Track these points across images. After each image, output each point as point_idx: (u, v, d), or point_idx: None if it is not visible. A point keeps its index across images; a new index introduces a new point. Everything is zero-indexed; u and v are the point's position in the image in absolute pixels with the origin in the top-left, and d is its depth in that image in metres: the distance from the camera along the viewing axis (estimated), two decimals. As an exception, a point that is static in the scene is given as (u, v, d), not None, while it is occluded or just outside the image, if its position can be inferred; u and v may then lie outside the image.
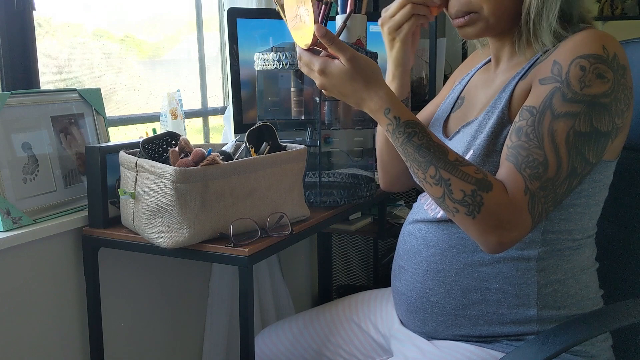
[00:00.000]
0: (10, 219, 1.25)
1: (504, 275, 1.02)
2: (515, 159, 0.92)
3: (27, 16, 1.43)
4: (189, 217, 1.18)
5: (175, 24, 2.04)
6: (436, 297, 1.07)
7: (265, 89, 1.54)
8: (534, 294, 1.02)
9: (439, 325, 1.08)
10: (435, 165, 0.92)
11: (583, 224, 1.04)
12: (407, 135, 0.94)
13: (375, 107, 0.97)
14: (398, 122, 0.95)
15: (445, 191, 0.91)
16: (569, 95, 0.91)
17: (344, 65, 0.96)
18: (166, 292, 1.69)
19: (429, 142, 0.93)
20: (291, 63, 1.38)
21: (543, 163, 0.90)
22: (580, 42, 0.94)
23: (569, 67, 0.92)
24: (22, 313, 1.31)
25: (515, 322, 1.03)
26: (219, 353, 1.86)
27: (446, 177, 0.91)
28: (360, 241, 2.63)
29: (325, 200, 1.48)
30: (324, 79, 0.99)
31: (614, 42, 0.95)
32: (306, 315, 1.38)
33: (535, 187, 0.90)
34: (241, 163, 1.25)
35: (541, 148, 0.91)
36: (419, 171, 0.94)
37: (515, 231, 0.91)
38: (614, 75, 0.92)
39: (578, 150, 0.91)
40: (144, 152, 1.28)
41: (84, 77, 1.72)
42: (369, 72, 0.97)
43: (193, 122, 2.07)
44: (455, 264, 1.05)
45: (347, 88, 0.98)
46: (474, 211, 0.90)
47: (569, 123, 0.91)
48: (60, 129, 1.40)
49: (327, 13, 1.39)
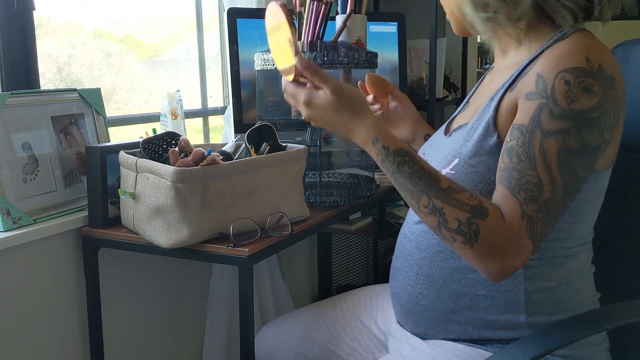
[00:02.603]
0: (10, 219, 1.25)
1: (492, 283, 1.00)
2: (508, 182, 0.89)
3: (27, 16, 1.43)
4: (189, 217, 1.18)
5: (175, 24, 2.04)
6: (426, 300, 1.06)
7: (265, 89, 1.54)
8: (522, 301, 1.00)
9: (429, 329, 1.08)
10: (428, 194, 0.89)
11: (575, 232, 1.01)
12: (397, 164, 0.92)
13: (363, 138, 0.95)
14: (387, 152, 0.93)
15: (440, 220, 0.89)
16: (557, 112, 0.88)
17: (329, 96, 0.95)
18: (166, 292, 1.69)
19: (420, 170, 0.91)
20: (291, 63, 1.38)
21: (537, 185, 0.87)
22: (563, 53, 0.91)
23: (554, 82, 0.89)
24: (22, 313, 1.31)
25: (505, 327, 1.02)
26: (219, 353, 1.86)
27: (440, 205, 0.88)
28: (360, 241, 2.62)
29: (325, 200, 1.48)
30: (310, 111, 0.98)
31: (599, 52, 0.91)
32: (313, 308, 1.38)
33: (532, 210, 0.87)
34: (241, 163, 1.25)
35: (533, 169, 0.88)
36: (412, 200, 0.92)
37: (517, 258, 0.88)
38: (601, 88, 0.89)
39: (570, 167, 0.89)
40: (144, 152, 1.28)
41: (84, 77, 1.72)
42: (354, 103, 0.96)
43: (193, 122, 2.07)
44: (444, 269, 1.04)
45: (334, 119, 0.96)
46: (472, 240, 0.87)
47: (559, 140, 0.88)
48: (60, 129, 1.40)
49: (327, 13, 1.38)
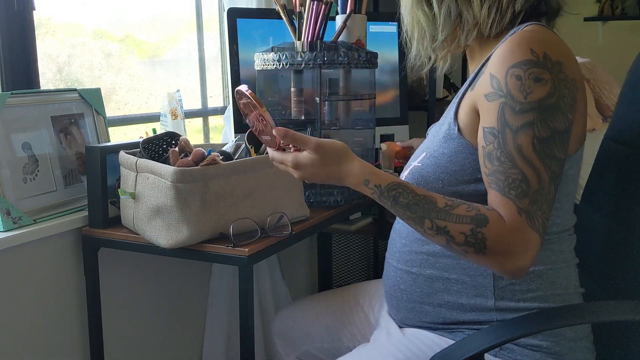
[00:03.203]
0: (10, 219, 1.25)
1: (462, 267, 1.06)
2: (497, 185, 0.94)
3: (27, 16, 1.43)
4: (189, 217, 1.18)
5: (175, 24, 2.04)
6: (405, 285, 1.13)
7: (265, 89, 1.54)
8: (490, 286, 1.05)
9: (408, 312, 1.13)
10: (429, 217, 0.94)
11: None
12: (393, 198, 0.97)
13: (355, 182, 1.00)
14: (380, 190, 0.98)
15: (447, 238, 0.94)
16: (518, 108, 0.93)
17: (312, 155, 1.00)
18: (166, 292, 1.69)
19: (415, 198, 0.95)
20: (291, 63, 1.38)
21: (523, 180, 0.92)
22: (508, 50, 0.96)
23: (506, 79, 0.94)
24: (22, 313, 1.31)
25: (474, 309, 1.07)
26: (219, 353, 1.86)
27: (442, 225, 0.93)
28: (360, 241, 2.62)
29: (325, 200, 1.48)
30: (300, 172, 1.02)
31: (542, 40, 0.95)
32: (326, 294, 1.47)
33: (526, 204, 0.91)
34: (241, 163, 1.25)
35: (515, 167, 0.92)
36: (417, 226, 0.97)
37: (528, 252, 0.91)
38: (551, 74, 0.93)
39: (548, 155, 0.93)
40: (144, 152, 1.28)
41: (84, 77, 1.72)
42: (337, 154, 1.01)
43: (193, 122, 2.07)
44: (420, 254, 1.10)
45: (322, 173, 1.02)
46: (481, 248, 0.92)
47: (529, 133, 0.92)
48: (60, 129, 1.40)
49: (327, 13, 1.39)
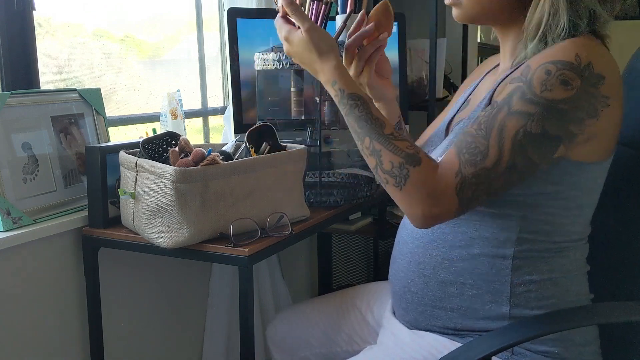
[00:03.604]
0: (10, 219, 1.25)
1: (479, 272, 1.04)
2: (459, 143, 0.95)
3: (27, 16, 1.43)
4: (189, 217, 1.18)
5: (175, 24, 2.04)
6: (416, 287, 1.10)
7: (265, 89, 1.54)
8: (507, 292, 1.03)
9: (418, 315, 1.11)
10: (370, 137, 0.97)
11: (564, 226, 1.02)
12: (350, 106, 1.01)
13: (325, 79, 1.05)
14: (342, 94, 1.02)
15: (377, 162, 0.97)
16: (528, 96, 0.93)
17: (303, 35, 1.06)
18: (166, 292, 1.69)
19: (368, 115, 0.99)
20: (291, 63, 1.38)
21: (483, 152, 0.92)
22: (555, 49, 0.95)
23: (536, 70, 0.94)
24: (22, 313, 1.31)
25: (488, 317, 1.04)
26: (219, 353, 1.86)
27: (378, 148, 0.96)
28: (360, 241, 2.62)
29: (325, 200, 1.48)
30: (287, 46, 1.10)
31: (594, 51, 0.93)
32: (320, 299, 1.45)
33: (468, 173, 0.92)
34: (241, 163, 1.25)
35: (486, 139, 0.93)
36: (359, 142, 1.00)
37: (438, 207, 0.93)
38: (582, 84, 0.91)
39: (523, 149, 0.92)
40: (144, 152, 1.28)
41: (84, 77, 1.72)
42: (323, 45, 1.06)
43: (193, 122, 2.06)
44: (434, 257, 1.07)
45: (305, 57, 1.08)
46: (400, 183, 0.94)
47: (520, 121, 0.92)
48: (60, 129, 1.40)
49: (327, 13, 1.38)
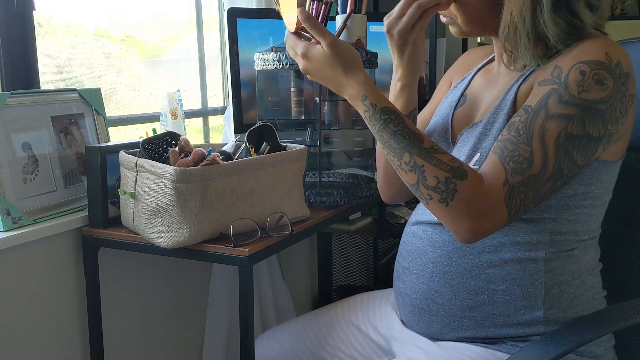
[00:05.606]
0: (10, 219, 1.25)
1: (512, 277, 1.02)
2: (501, 151, 0.92)
3: (27, 16, 1.43)
4: (189, 217, 1.18)
5: (175, 24, 2.04)
6: (442, 298, 1.06)
7: (265, 89, 1.54)
8: (541, 295, 1.01)
9: (444, 327, 1.08)
10: (410, 152, 0.93)
11: (589, 225, 1.04)
12: (383, 122, 0.95)
13: (352, 94, 0.99)
14: (374, 109, 0.96)
15: (419, 177, 0.92)
16: (566, 98, 0.91)
17: (325, 51, 0.99)
18: (166, 292, 1.69)
19: (404, 129, 0.94)
20: (291, 63, 1.38)
21: (528, 159, 0.90)
22: (583, 49, 0.94)
23: (569, 71, 0.93)
24: (22, 313, 1.31)
25: (521, 323, 1.02)
26: (219, 353, 1.86)
27: (420, 163, 0.92)
28: (360, 241, 2.62)
29: (325, 200, 1.48)
30: (306, 63, 1.02)
31: (618, 49, 0.94)
32: (305, 318, 1.36)
33: (516, 182, 0.90)
34: (241, 163, 1.25)
35: (529, 145, 0.91)
36: (395, 158, 0.95)
37: (489, 222, 0.90)
38: (614, 83, 0.92)
39: (567, 152, 0.91)
40: (144, 152, 1.28)
41: (84, 77, 1.72)
42: (348, 59, 0.99)
43: (193, 122, 2.06)
44: (462, 265, 1.04)
45: (327, 73, 1.00)
46: (447, 198, 0.90)
47: (561, 124, 0.91)
48: (60, 129, 1.40)
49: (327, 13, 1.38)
